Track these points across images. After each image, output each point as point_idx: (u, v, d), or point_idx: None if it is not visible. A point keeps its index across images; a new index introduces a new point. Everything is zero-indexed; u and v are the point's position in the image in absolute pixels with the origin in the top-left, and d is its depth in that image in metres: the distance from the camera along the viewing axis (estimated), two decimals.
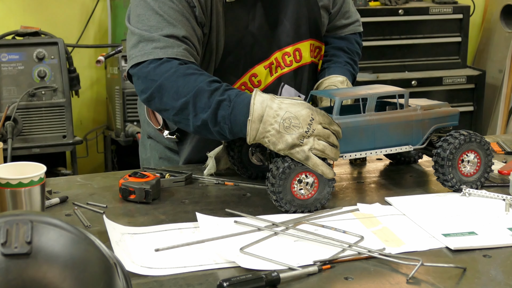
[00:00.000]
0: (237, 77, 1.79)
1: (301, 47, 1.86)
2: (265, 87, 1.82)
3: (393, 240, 1.38)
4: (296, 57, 1.85)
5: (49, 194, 1.62)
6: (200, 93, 1.53)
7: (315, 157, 1.46)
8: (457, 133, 1.62)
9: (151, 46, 1.62)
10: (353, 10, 2.05)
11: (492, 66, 4.27)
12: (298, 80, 1.87)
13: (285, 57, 1.84)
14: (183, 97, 1.54)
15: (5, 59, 3.22)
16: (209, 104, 1.52)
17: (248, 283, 1.16)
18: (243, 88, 1.79)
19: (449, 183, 1.62)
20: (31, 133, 3.23)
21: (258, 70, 1.81)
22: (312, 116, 1.46)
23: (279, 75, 1.85)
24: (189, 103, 1.54)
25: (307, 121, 1.46)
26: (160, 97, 1.59)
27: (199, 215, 1.47)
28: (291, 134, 1.45)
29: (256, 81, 1.81)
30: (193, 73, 1.56)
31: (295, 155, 1.46)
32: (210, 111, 1.52)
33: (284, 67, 1.84)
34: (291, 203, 1.50)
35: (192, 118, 1.55)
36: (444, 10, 3.99)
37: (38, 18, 3.75)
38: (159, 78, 1.58)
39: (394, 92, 1.65)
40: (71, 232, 0.91)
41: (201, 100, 1.53)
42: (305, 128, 1.45)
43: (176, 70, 1.57)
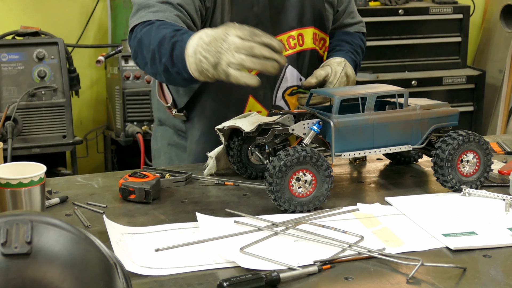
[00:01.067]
0: None
1: (304, 33, 1.92)
2: None
3: (393, 240, 1.38)
4: (299, 41, 1.91)
5: (49, 194, 1.62)
6: (163, 40, 1.59)
7: (235, 71, 1.46)
8: (456, 133, 1.62)
9: (146, 11, 1.70)
10: (357, 12, 2.14)
11: (492, 66, 4.27)
12: (299, 63, 1.93)
13: (289, 40, 1.90)
14: (152, 47, 1.61)
15: (5, 59, 3.22)
16: (168, 48, 1.57)
17: (248, 283, 1.16)
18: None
19: (449, 183, 1.62)
20: (31, 133, 3.23)
21: None
22: (227, 31, 1.47)
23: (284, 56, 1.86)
24: (155, 51, 1.60)
25: (221, 37, 1.46)
26: (141, 52, 1.65)
27: (199, 215, 1.47)
28: (211, 54, 1.47)
29: None
30: (166, 27, 1.61)
31: (220, 76, 1.48)
32: (167, 54, 1.57)
33: (288, 49, 1.90)
34: (290, 202, 1.50)
35: (158, 65, 1.61)
36: (444, 10, 3.98)
37: (38, 18, 3.75)
38: (139, 34, 1.66)
39: (394, 91, 1.65)
40: (71, 232, 0.91)
41: (163, 46, 1.58)
42: (219, 44, 1.46)
43: (153, 26, 1.63)
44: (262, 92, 1.90)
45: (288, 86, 1.93)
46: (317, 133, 1.59)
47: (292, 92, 1.94)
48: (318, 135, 1.60)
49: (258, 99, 1.91)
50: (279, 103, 1.93)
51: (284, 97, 1.93)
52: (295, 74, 1.93)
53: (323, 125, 1.59)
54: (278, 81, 1.92)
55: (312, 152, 1.49)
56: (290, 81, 1.92)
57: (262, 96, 1.91)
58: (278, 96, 1.92)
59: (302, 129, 1.59)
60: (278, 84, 1.92)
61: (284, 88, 1.93)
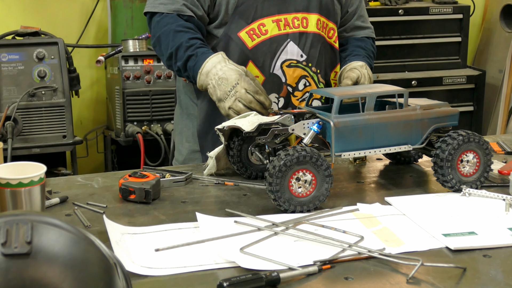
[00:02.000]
0: (247, 23, 2.01)
1: (308, 17, 2.06)
2: (271, 37, 2.03)
3: (393, 240, 1.37)
4: (303, 23, 2.05)
5: (49, 194, 1.62)
6: (180, 47, 1.94)
7: (232, 113, 1.81)
8: (456, 133, 1.62)
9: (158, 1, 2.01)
10: (367, 18, 2.29)
11: (492, 66, 4.27)
12: (302, 41, 2.05)
13: (294, 20, 2.04)
14: (170, 49, 1.96)
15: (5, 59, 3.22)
16: (183, 56, 1.93)
17: (248, 283, 1.16)
18: (251, 33, 2.02)
19: (449, 184, 1.62)
20: (31, 133, 3.23)
21: (266, 21, 2.02)
22: (238, 81, 1.82)
23: (286, 32, 2.04)
24: (173, 54, 1.96)
25: (232, 84, 1.82)
26: (159, 46, 2.01)
27: (199, 215, 1.47)
28: (220, 90, 1.83)
29: (263, 29, 2.02)
30: (181, 31, 1.95)
31: (220, 110, 1.85)
32: (182, 61, 1.93)
33: (292, 27, 2.04)
34: (290, 202, 1.50)
35: (173, 64, 1.98)
36: (444, 10, 3.98)
37: (38, 18, 3.74)
38: (159, 31, 1.99)
39: (394, 91, 1.65)
40: (71, 232, 0.91)
41: (180, 52, 1.94)
42: (229, 88, 1.82)
43: (170, 27, 1.96)
44: (261, 59, 2.02)
45: (288, 58, 2.04)
46: (317, 133, 1.59)
47: (291, 65, 2.04)
48: (318, 135, 1.60)
49: (257, 65, 2.02)
50: (277, 72, 2.03)
51: (282, 67, 2.03)
52: (295, 49, 2.04)
53: (323, 125, 1.59)
54: (278, 52, 2.03)
55: (312, 152, 1.49)
56: (290, 54, 2.04)
57: (261, 63, 2.02)
58: (277, 65, 2.03)
59: (302, 129, 1.59)
60: (278, 55, 2.03)
61: (283, 59, 2.04)
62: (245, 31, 2.01)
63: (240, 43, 2.00)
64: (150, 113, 3.51)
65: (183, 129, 2.17)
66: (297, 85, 2.05)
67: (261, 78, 2.02)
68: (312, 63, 2.07)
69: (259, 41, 2.01)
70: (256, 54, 2.02)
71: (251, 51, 2.01)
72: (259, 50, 2.02)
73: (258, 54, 2.02)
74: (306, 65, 2.06)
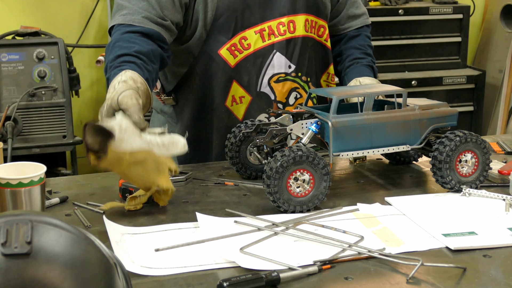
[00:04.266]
0: (228, 38, 1.86)
1: (295, 20, 1.91)
2: (255, 51, 1.89)
3: (393, 240, 1.38)
4: (290, 28, 1.91)
5: (49, 194, 1.62)
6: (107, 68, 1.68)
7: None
8: (453, 134, 1.62)
9: (118, 14, 1.79)
10: (360, 3, 2.13)
11: (492, 66, 4.27)
12: (290, 50, 1.92)
13: (279, 26, 1.90)
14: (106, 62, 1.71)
15: (5, 59, 3.21)
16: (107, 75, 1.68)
17: (248, 283, 1.16)
18: (232, 49, 1.87)
19: (448, 185, 1.62)
20: (31, 133, 3.23)
21: (249, 34, 1.88)
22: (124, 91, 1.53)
23: (271, 43, 1.90)
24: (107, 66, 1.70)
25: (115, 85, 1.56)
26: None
27: (199, 215, 1.47)
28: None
29: (246, 44, 1.88)
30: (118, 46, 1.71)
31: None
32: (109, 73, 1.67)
33: (278, 35, 1.90)
34: (289, 202, 1.50)
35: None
36: (444, 10, 3.98)
37: (38, 18, 3.74)
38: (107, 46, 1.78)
39: (392, 91, 1.65)
40: (71, 232, 0.91)
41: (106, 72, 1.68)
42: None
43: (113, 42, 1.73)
44: (246, 78, 1.89)
45: (275, 73, 1.91)
46: (315, 133, 1.59)
47: (279, 79, 1.92)
48: (317, 135, 1.60)
49: (242, 84, 1.89)
50: (265, 89, 1.92)
51: (270, 83, 1.92)
52: (283, 61, 1.91)
53: (321, 125, 1.59)
54: (264, 67, 1.90)
55: (308, 151, 1.49)
56: (277, 68, 1.91)
57: (246, 82, 1.90)
58: (264, 82, 1.91)
59: (301, 129, 1.59)
60: (264, 70, 1.91)
61: (270, 74, 1.91)
62: (225, 47, 1.86)
63: (221, 62, 1.86)
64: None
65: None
66: (287, 100, 1.95)
67: (247, 99, 1.90)
68: (302, 72, 1.95)
69: (242, 57, 1.87)
70: (240, 73, 1.87)
71: (234, 69, 1.87)
72: (243, 68, 1.87)
73: (242, 73, 1.87)
74: (295, 76, 1.94)
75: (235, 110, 1.91)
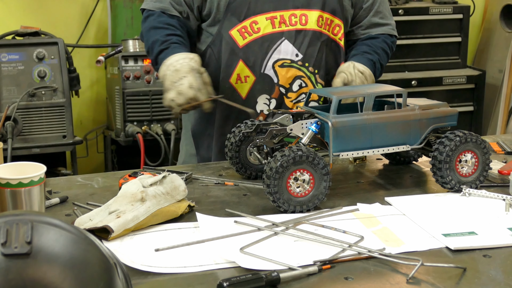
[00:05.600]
0: (239, 21, 1.98)
1: (308, 14, 1.99)
2: (263, 35, 1.98)
3: (393, 240, 1.38)
4: (301, 20, 1.99)
5: (49, 194, 1.62)
6: (156, 42, 1.96)
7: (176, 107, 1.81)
8: (453, 134, 1.62)
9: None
10: (389, 15, 2.17)
11: (492, 66, 4.27)
12: (299, 40, 1.99)
13: (291, 17, 1.98)
14: (148, 44, 2.00)
15: (5, 59, 3.21)
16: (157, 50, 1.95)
17: (248, 283, 1.16)
18: (242, 31, 1.98)
19: (448, 185, 1.62)
20: (31, 133, 3.23)
21: (260, 19, 1.97)
22: (186, 75, 1.82)
23: (281, 30, 1.99)
24: (150, 48, 1.99)
25: (180, 76, 1.83)
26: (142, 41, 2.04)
27: (199, 215, 1.47)
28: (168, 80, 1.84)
29: (256, 27, 1.98)
30: (161, 27, 1.98)
31: (164, 101, 1.86)
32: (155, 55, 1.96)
33: (288, 25, 1.99)
34: (289, 202, 1.50)
35: (150, 56, 2.00)
36: (444, 10, 3.98)
37: (38, 18, 3.74)
38: (143, 28, 2.04)
39: (392, 91, 1.65)
40: (71, 232, 0.91)
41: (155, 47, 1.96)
42: (176, 79, 1.83)
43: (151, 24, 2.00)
44: (252, 59, 1.98)
45: (280, 58, 1.99)
46: (315, 133, 1.59)
47: (284, 65, 1.99)
48: (317, 135, 1.60)
49: (248, 64, 1.99)
50: (268, 72, 1.99)
51: (274, 67, 1.99)
52: (290, 48, 1.99)
53: (321, 125, 1.59)
54: (270, 51, 1.98)
55: (308, 151, 1.49)
56: (283, 54, 1.99)
57: (251, 62, 1.99)
58: (268, 65, 1.99)
59: (301, 129, 1.59)
60: (270, 54, 1.99)
61: (275, 59, 1.99)
62: (236, 29, 1.98)
63: (231, 41, 1.98)
64: (150, 113, 3.50)
65: (185, 132, 2.17)
66: (291, 86, 2.01)
67: (251, 78, 1.99)
68: (309, 63, 2.01)
69: (251, 40, 1.98)
70: (247, 53, 1.98)
71: (241, 50, 1.98)
72: (250, 49, 1.98)
73: (249, 53, 1.98)
74: (302, 65, 2.00)
75: (239, 88, 2.00)
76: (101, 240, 1.32)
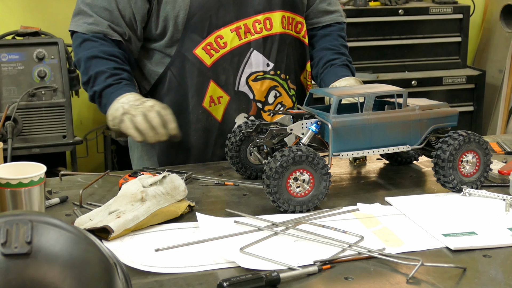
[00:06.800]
0: (202, 38, 1.85)
1: (272, 17, 1.89)
2: (231, 49, 1.87)
3: (393, 240, 1.38)
4: (266, 25, 1.88)
5: (49, 194, 1.61)
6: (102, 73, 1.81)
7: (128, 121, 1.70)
8: (456, 134, 1.62)
9: (83, 19, 1.86)
10: (336, 2, 2.08)
11: (492, 66, 4.27)
12: (267, 47, 1.90)
13: (255, 24, 1.87)
14: (90, 72, 1.83)
15: (5, 59, 3.21)
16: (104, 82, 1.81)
17: (248, 283, 1.16)
18: (208, 48, 1.85)
19: (450, 184, 1.62)
20: (31, 133, 3.23)
21: (224, 32, 1.85)
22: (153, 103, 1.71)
23: (248, 41, 1.88)
24: (92, 78, 1.83)
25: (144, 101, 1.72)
26: (78, 67, 1.88)
27: (199, 215, 1.47)
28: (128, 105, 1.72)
29: (222, 42, 1.85)
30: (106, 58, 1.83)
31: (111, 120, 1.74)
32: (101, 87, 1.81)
33: (254, 33, 1.88)
34: (289, 202, 1.50)
35: (89, 88, 1.85)
36: (444, 10, 3.98)
37: (38, 18, 3.74)
38: (80, 53, 1.86)
39: (392, 91, 1.65)
40: (71, 232, 0.91)
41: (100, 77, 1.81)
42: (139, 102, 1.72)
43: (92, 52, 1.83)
44: (223, 77, 1.87)
45: (253, 71, 1.89)
46: (315, 133, 1.59)
47: (257, 78, 1.90)
48: (317, 135, 1.60)
49: (219, 84, 1.87)
50: (243, 88, 1.90)
51: (248, 82, 1.90)
52: (260, 59, 1.89)
53: (321, 125, 1.59)
54: (241, 66, 1.88)
55: (308, 151, 1.49)
56: (255, 67, 1.89)
57: (223, 81, 1.87)
58: (242, 81, 1.89)
59: (301, 129, 1.59)
60: (242, 69, 1.89)
61: (248, 73, 1.89)
62: (201, 47, 1.84)
63: (197, 62, 1.84)
64: None
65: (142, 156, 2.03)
66: (266, 98, 1.92)
67: (225, 98, 1.88)
68: (281, 70, 1.92)
69: (218, 57, 1.84)
70: (217, 72, 1.85)
71: (210, 69, 1.85)
72: (220, 67, 1.85)
73: (219, 72, 1.85)
74: (274, 74, 1.92)
75: (214, 111, 1.89)
76: (101, 240, 1.32)
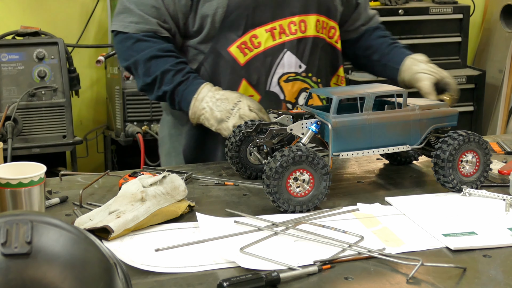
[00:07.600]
0: (238, 36, 1.86)
1: (306, 19, 1.90)
2: (265, 50, 1.88)
3: (393, 240, 1.38)
4: (301, 27, 1.90)
5: (49, 194, 1.61)
6: (167, 72, 1.82)
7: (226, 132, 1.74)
8: (456, 133, 1.62)
9: (129, 19, 1.87)
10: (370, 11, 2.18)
11: (492, 66, 4.27)
12: (301, 49, 1.91)
13: (290, 26, 1.89)
14: (153, 74, 1.84)
15: (5, 59, 3.22)
16: (172, 80, 1.82)
17: (248, 283, 1.16)
18: (242, 47, 1.86)
19: (450, 184, 1.62)
20: (31, 133, 3.23)
21: (259, 32, 1.86)
22: (240, 99, 1.75)
23: (282, 41, 1.89)
24: (158, 78, 1.84)
25: (234, 101, 1.75)
26: (135, 70, 1.88)
27: (199, 215, 1.47)
28: (220, 110, 1.75)
29: (256, 42, 1.87)
30: (163, 56, 1.84)
31: (222, 132, 1.76)
32: (172, 86, 1.82)
33: (289, 34, 1.89)
34: (289, 202, 1.50)
35: (156, 89, 1.86)
36: (444, 10, 3.98)
37: (38, 18, 3.74)
38: (135, 55, 1.86)
39: (392, 91, 1.65)
40: (71, 232, 0.91)
41: (167, 76, 1.83)
42: (231, 106, 1.75)
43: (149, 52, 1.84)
44: (255, 76, 1.88)
45: (285, 72, 1.90)
46: (315, 133, 1.59)
47: (289, 79, 1.91)
48: (317, 135, 1.60)
49: (251, 83, 1.88)
50: (274, 89, 1.90)
51: (279, 83, 1.90)
52: (293, 60, 1.90)
53: (321, 125, 1.59)
54: (273, 66, 1.89)
55: (308, 151, 1.49)
56: (287, 67, 1.90)
57: (255, 80, 1.88)
58: (273, 81, 1.89)
59: (301, 129, 1.59)
60: (274, 69, 1.89)
61: (279, 74, 1.90)
62: (235, 45, 1.85)
63: (230, 59, 1.86)
64: (150, 113, 3.50)
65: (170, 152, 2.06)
66: (297, 100, 1.92)
67: (256, 97, 1.88)
68: (312, 73, 1.93)
69: (252, 56, 1.86)
70: (250, 71, 1.86)
71: (243, 68, 1.86)
72: (253, 66, 1.86)
73: (251, 71, 1.86)
74: (306, 76, 1.92)
75: None
76: (101, 240, 1.32)
